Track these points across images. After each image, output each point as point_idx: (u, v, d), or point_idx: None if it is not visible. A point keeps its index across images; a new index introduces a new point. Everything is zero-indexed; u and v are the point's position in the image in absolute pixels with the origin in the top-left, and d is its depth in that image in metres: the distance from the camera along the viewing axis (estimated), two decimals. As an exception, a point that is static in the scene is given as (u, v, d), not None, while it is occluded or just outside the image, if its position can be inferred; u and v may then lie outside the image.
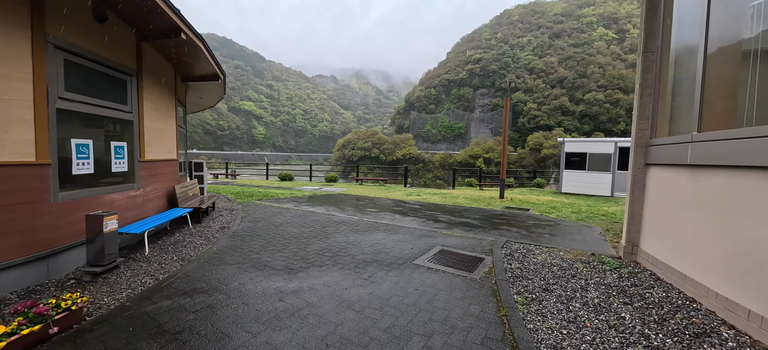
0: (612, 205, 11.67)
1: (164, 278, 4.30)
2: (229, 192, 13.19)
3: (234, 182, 19.22)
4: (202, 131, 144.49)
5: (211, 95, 10.21)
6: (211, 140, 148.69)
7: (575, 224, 8.04)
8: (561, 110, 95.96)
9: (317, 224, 7.41)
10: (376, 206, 10.50)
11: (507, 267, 4.61)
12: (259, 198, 11.65)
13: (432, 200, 12.26)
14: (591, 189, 14.89)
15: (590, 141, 15.10)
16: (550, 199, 13.03)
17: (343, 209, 9.56)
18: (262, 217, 8.24)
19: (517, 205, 11.26)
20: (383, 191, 15.18)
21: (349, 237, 6.29)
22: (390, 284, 4.01)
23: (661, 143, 4.47)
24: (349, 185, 19.63)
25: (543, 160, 74.88)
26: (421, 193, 14.74)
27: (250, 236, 6.35)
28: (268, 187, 16.39)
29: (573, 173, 15.32)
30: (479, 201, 12.02)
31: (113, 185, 5.27)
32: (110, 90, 5.17)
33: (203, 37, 6.01)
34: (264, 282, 4.08)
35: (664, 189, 4.34)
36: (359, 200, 11.70)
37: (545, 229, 7.42)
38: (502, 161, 13.02)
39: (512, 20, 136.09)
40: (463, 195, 13.84)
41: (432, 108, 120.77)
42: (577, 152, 15.18)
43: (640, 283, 4.04)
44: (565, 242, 6.27)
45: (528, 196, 14.19)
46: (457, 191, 16.58)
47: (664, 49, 4.61)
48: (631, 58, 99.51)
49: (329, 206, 10.25)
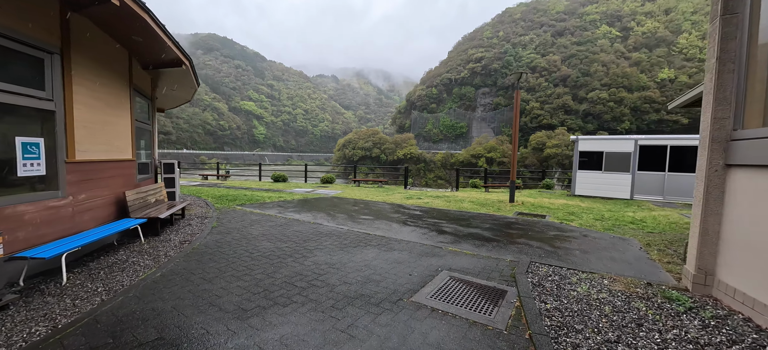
0: (636, 210, 10.40)
1: (66, 324, 3.08)
2: (211, 196, 11.97)
3: (222, 184, 18.01)
4: (202, 131, 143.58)
5: (184, 87, 8.99)
6: (212, 140, 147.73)
7: (605, 236, 6.78)
8: (564, 108, 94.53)
9: (298, 238, 6.18)
10: (372, 212, 9.26)
11: (540, 307, 3.36)
12: (241, 203, 10.43)
13: (435, 204, 11.02)
14: (608, 191, 13.61)
15: (607, 139, 13.81)
16: (565, 203, 11.77)
17: (333, 217, 8.32)
18: (237, 227, 7.01)
19: (531, 210, 10.01)
20: (381, 194, 13.94)
21: (333, 256, 5.06)
22: (377, 341, 2.77)
23: (752, 136, 3.22)
24: (346, 187, 18.40)
25: (546, 159, 73.62)
26: (422, 196, 13.50)
27: (211, 254, 5.12)
28: (258, 189, 15.17)
29: (588, 173, 14.04)
30: (487, 206, 10.76)
31: (21, 194, 4.04)
32: (15, 70, 3.96)
33: (149, 9, 4.78)
34: (197, 336, 2.85)
35: (759, 200, 3.10)
36: (353, 205, 10.46)
37: (572, 243, 6.16)
38: (513, 161, 11.77)
39: (514, 18, 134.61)
40: (469, 198, 12.60)
41: (433, 107, 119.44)
42: (592, 151, 13.89)
43: (740, 338, 2.79)
44: (603, 262, 5.02)
45: (539, 199, 12.92)
46: (462, 193, 15.33)
47: (754, 8, 3.36)
48: (635, 56, 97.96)
49: (318, 212, 9.01)
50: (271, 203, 10.53)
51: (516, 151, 11.61)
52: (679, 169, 12.60)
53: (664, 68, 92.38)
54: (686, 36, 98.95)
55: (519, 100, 11.55)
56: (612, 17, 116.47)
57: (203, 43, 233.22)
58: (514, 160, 11.70)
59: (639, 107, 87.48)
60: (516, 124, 11.36)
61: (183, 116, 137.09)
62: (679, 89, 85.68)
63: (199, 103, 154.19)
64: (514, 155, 11.64)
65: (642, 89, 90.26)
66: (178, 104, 11.47)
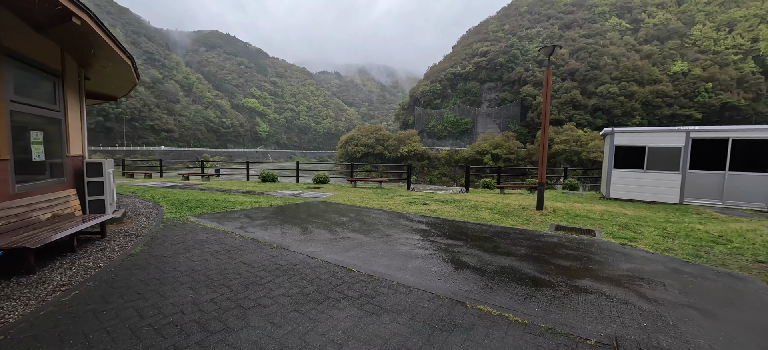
0: (701, 220, 8.14)
1: None
2: (172, 201, 9.84)
3: (201, 185, 15.90)
4: (205, 128, 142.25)
5: (115, 63, 6.79)
6: (215, 137, 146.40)
7: (706, 272, 4.55)
8: (572, 103, 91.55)
9: (240, 279, 4.01)
10: (363, 226, 7.07)
11: None
12: (202, 212, 8.29)
13: (444, 212, 8.81)
14: (651, 194, 11.31)
15: (651, 131, 11.47)
16: (605, 209, 9.52)
17: (307, 236, 6.14)
18: (165, 254, 4.86)
19: (569, 221, 7.77)
20: (379, 198, 11.76)
21: (278, 328, 2.88)
22: None
23: None
24: (341, 188, 16.21)
25: (553, 156, 71.21)
26: (428, 199, 11.30)
27: (80, 318, 2.97)
28: (237, 191, 13.02)
29: (625, 173, 11.74)
30: (511, 215, 8.53)
31: None
32: None
33: None
34: None
35: None
36: (342, 215, 8.28)
37: (668, 288, 3.94)
38: (542, 157, 9.47)
39: (520, 11, 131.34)
40: (485, 203, 10.38)
41: (437, 103, 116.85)
42: (632, 146, 11.58)
43: None
44: (741, 332, 2.82)
45: (569, 204, 10.67)
46: (474, 195, 13.11)
47: None
48: (647, 48, 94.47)
49: (292, 227, 6.83)
50: (239, 212, 8.38)
51: (546, 143, 9.30)
52: (745, 168, 10.27)
53: (676, 61, 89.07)
54: (700, 27, 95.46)
55: (550, 80, 9.25)
56: (622, 9, 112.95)
57: (206, 41, 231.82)
58: (543, 156, 9.40)
59: (651, 101, 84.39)
60: (546, 108, 9.07)
61: (185, 113, 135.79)
62: (693, 82, 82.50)
63: (202, 100, 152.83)
64: (544, 148, 9.33)
65: (654, 82, 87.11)
66: (129, 87, 9.29)
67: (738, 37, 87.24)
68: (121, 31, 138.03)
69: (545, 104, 9.04)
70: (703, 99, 79.61)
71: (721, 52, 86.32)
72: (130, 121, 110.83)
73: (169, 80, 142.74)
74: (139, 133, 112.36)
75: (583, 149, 67.07)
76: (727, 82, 79.26)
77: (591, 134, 70.41)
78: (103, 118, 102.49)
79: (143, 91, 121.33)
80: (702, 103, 79.38)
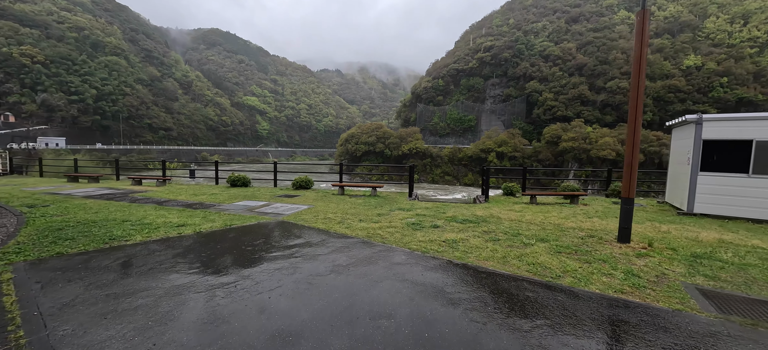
0: None
1: None
2: (44, 225, 6.42)
3: (143, 192, 12.45)
4: (204, 126, 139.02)
5: None
6: (214, 135, 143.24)
7: None
8: (580, 99, 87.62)
9: None
10: (306, 304, 3.67)
11: None
12: (66, 248, 4.88)
13: (471, 248, 5.38)
14: (761, 210, 7.85)
15: (759, 118, 7.99)
16: (718, 238, 6.07)
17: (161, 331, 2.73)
18: None
19: (703, 274, 4.35)
20: (371, 212, 8.33)
21: None
22: None
23: None
24: (323, 197, 12.72)
25: (561, 154, 67.74)
26: (438, 217, 7.86)
27: None
28: (180, 203, 9.60)
29: (720, 178, 8.25)
30: (584, 254, 5.10)
31: None
32: None
33: None
34: None
35: None
36: (289, 257, 4.86)
37: None
38: (632, 156, 6.01)
39: (525, 5, 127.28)
40: (524, 225, 6.95)
41: (440, 100, 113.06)
42: (731, 140, 8.11)
43: None
44: None
45: (653, 227, 7.22)
46: (499, 208, 9.69)
47: None
48: (658, 42, 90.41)
49: (168, 300, 3.43)
50: (129, 248, 4.99)
51: (638, 127, 5.78)
52: None
53: (689, 55, 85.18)
54: (713, 20, 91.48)
55: (647, 24, 5.72)
56: (631, 1, 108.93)
57: (205, 38, 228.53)
58: (635, 153, 5.86)
59: (663, 96, 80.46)
60: (642, 65, 5.68)
61: (184, 111, 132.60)
62: (707, 77, 78.57)
63: (201, 98, 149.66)
64: (636, 140, 5.79)
65: (666, 77, 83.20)
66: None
67: (754, 29, 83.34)
68: (118, 28, 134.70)
69: (640, 60, 5.54)
70: (717, 94, 75.85)
71: (736, 45, 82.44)
72: (127, 119, 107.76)
73: (167, 78, 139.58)
74: (136, 131, 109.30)
75: (593, 147, 63.57)
76: (742, 76, 75.53)
77: (600, 131, 67.02)
78: (99, 116, 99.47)
79: (141, 89, 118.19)
80: (717, 98, 75.61)
